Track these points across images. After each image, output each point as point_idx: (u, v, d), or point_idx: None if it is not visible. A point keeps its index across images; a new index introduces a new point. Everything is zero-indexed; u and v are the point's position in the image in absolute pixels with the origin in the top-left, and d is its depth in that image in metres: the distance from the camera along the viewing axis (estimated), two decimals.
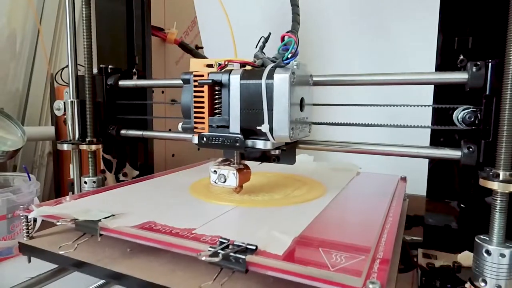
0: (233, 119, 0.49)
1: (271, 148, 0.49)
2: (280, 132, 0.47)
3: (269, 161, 0.55)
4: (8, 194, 0.78)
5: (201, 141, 0.51)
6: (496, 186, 0.38)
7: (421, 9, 0.81)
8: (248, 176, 0.55)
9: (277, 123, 0.47)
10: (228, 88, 0.49)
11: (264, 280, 0.36)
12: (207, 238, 0.38)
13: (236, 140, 0.49)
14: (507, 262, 0.37)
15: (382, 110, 0.53)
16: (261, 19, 0.97)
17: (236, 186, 0.52)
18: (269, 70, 0.47)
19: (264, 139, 0.49)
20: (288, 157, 0.55)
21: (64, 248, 0.42)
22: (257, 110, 0.47)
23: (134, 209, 0.48)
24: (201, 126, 0.51)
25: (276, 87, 0.46)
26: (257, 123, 0.47)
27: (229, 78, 0.49)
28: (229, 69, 0.50)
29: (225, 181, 0.53)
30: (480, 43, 0.54)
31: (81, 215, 0.44)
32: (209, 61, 0.52)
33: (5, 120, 0.92)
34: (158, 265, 0.40)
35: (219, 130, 0.50)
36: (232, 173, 0.52)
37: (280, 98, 0.46)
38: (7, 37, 1.24)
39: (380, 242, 0.40)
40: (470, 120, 0.46)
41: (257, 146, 0.49)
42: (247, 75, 0.48)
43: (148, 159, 0.87)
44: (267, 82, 0.46)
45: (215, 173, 0.53)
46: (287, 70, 0.46)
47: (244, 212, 0.49)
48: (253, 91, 0.47)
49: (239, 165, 0.53)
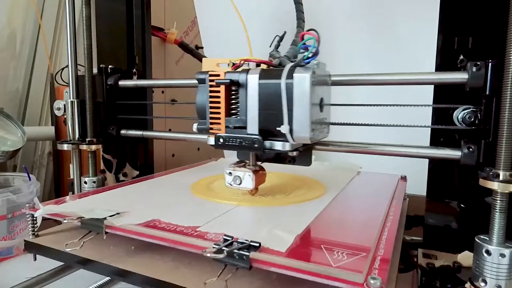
0: (251, 120, 0.48)
1: (290, 150, 0.48)
2: (300, 133, 0.46)
3: (284, 162, 0.54)
4: (8, 194, 0.78)
5: (218, 142, 0.50)
6: (496, 186, 0.38)
7: (424, 8, 0.81)
8: (264, 178, 0.54)
9: (297, 124, 0.45)
10: (246, 88, 0.47)
11: (267, 277, 0.37)
12: (211, 236, 0.38)
13: (254, 141, 0.47)
14: (507, 262, 0.38)
15: (383, 110, 0.53)
16: (263, 18, 0.97)
17: (252, 188, 0.51)
18: (288, 69, 0.45)
19: (282, 140, 0.47)
20: (304, 158, 0.54)
21: (70, 246, 0.43)
22: (276, 110, 0.46)
23: (137, 208, 0.48)
24: (217, 127, 0.49)
25: (296, 87, 0.45)
26: (276, 124, 0.46)
27: (247, 77, 0.47)
28: (246, 69, 0.49)
29: (240, 183, 0.51)
30: (480, 43, 0.54)
31: (86, 213, 0.44)
32: (222, 60, 0.51)
33: (5, 120, 0.92)
34: (163, 262, 0.40)
35: (236, 131, 0.49)
36: (248, 175, 0.51)
37: (300, 98, 0.45)
38: (7, 37, 1.24)
39: (381, 241, 0.40)
40: (470, 120, 0.47)
41: (275, 147, 0.48)
42: (265, 75, 0.47)
43: (148, 159, 0.87)
44: (287, 82, 0.45)
45: (230, 175, 0.52)
46: (308, 69, 0.45)
47: (246, 211, 0.49)
48: (272, 91, 0.46)
49: (255, 167, 0.52)
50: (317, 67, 0.47)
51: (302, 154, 0.52)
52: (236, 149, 0.50)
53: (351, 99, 0.56)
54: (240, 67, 0.50)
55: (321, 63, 0.49)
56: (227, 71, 0.48)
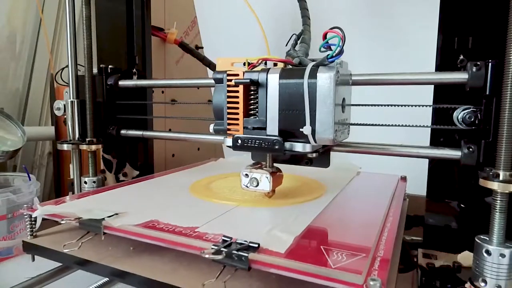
0: (271, 121, 0.46)
1: (310, 151, 0.47)
2: (323, 134, 0.44)
3: (300, 163, 0.53)
4: (8, 194, 0.78)
5: (236, 144, 0.48)
6: (496, 186, 0.38)
7: (424, 8, 0.81)
8: (281, 180, 0.53)
9: (320, 125, 0.44)
10: (266, 88, 0.46)
11: (266, 278, 0.37)
12: (209, 237, 0.38)
13: (274, 142, 0.46)
14: (507, 262, 0.38)
15: (383, 110, 0.53)
16: (262, 18, 0.97)
17: (269, 190, 0.50)
18: (311, 69, 0.44)
19: (303, 141, 0.46)
20: (323, 160, 0.53)
21: (68, 247, 0.43)
22: (297, 111, 0.44)
23: (136, 208, 0.48)
24: (235, 128, 0.48)
25: (320, 87, 0.43)
26: (297, 124, 0.44)
27: (267, 77, 0.46)
28: (266, 68, 0.47)
29: (257, 185, 0.50)
30: (480, 43, 0.54)
31: (85, 214, 0.44)
32: (238, 59, 0.49)
33: (5, 120, 0.92)
34: (161, 263, 0.40)
35: (255, 132, 0.47)
36: (265, 177, 0.49)
37: (324, 99, 0.43)
38: (7, 37, 1.24)
39: (381, 241, 0.40)
40: (470, 120, 0.47)
41: (296, 148, 0.46)
42: (286, 74, 0.45)
43: (148, 159, 0.87)
44: (309, 82, 0.43)
45: (246, 177, 0.50)
46: (332, 69, 0.43)
47: (245, 211, 0.49)
48: (293, 91, 0.45)
49: (272, 168, 0.51)
50: (340, 66, 0.45)
51: (321, 155, 0.51)
52: (256, 151, 0.49)
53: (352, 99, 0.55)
54: (257, 67, 0.48)
55: (344, 62, 0.47)
56: (246, 70, 0.47)
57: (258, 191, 0.50)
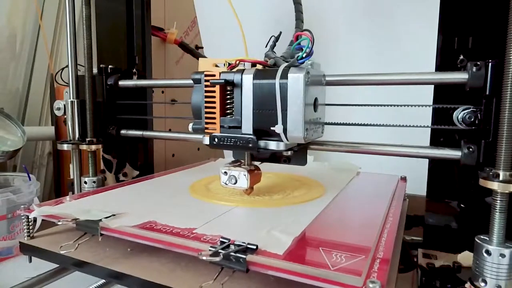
0: (245, 120, 0.48)
1: (284, 149, 0.48)
2: (294, 133, 0.46)
3: (279, 162, 0.54)
4: (8, 194, 0.78)
5: (213, 142, 0.50)
6: (496, 186, 0.38)
7: (424, 9, 0.81)
8: (259, 177, 0.54)
9: (291, 123, 0.46)
10: (241, 88, 0.48)
11: (265, 280, 0.37)
12: (207, 238, 0.38)
13: (248, 140, 0.48)
14: (507, 262, 0.37)
15: (383, 110, 0.53)
16: (261, 18, 0.97)
17: (247, 188, 0.52)
18: (282, 69, 0.45)
19: (277, 140, 0.48)
20: (299, 158, 0.54)
21: (65, 248, 0.43)
22: (270, 110, 0.46)
23: (135, 209, 0.48)
24: (212, 127, 0.50)
25: (290, 87, 0.45)
26: (270, 123, 0.46)
27: (242, 78, 0.48)
28: (241, 69, 0.49)
29: (235, 182, 0.51)
30: (480, 43, 0.54)
31: (82, 215, 0.44)
32: (219, 60, 0.51)
33: (5, 120, 0.92)
34: (159, 264, 0.40)
35: (231, 131, 0.49)
36: (243, 174, 0.51)
37: (294, 98, 0.45)
38: (7, 37, 1.24)
39: (380, 242, 0.40)
40: (470, 120, 0.46)
41: (270, 147, 0.48)
42: (260, 75, 0.47)
43: (148, 159, 0.87)
44: (281, 82, 0.45)
45: (225, 175, 0.52)
46: (302, 69, 0.45)
47: (244, 212, 0.49)
48: (266, 91, 0.46)
49: (250, 166, 0.52)
50: (311, 67, 0.47)
51: (298, 153, 0.52)
52: (231, 149, 0.51)
53: (351, 99, 0.55)
54: (236, 67, 0.50)
55: (316, 63, 0.49)
56: (222, 71, 0.49)
57: (236, 188, 0.52)
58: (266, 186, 0.60)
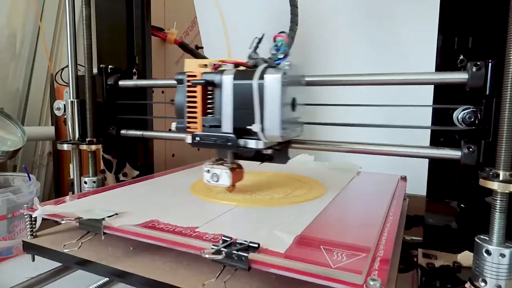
0: (225, 119, 0.50)
1: (263, 148, 0.50)
2: (271, 131, 0.47)
3: (263, 160, 0.55)
4: (8, 194, 0.78)
5: (194, 141, 0.52)
6: (496, 186, 0.38)
7: (424, 9, 0.81)
8: (241, 175, 0.55)
9: (268, 122, 0.47)
10: (221, 88, 0.49)
11: (266, 278, 0.37)
12: (209, 237, 0.38)
13: (228, 139, 0.49)
14: (507, 262, 0.38)
15: (381, 110, 0.53)
16: (261, 19, 0.97)
17: (228, 185, 0.53)
18: (261, 70, 0.47)
19: (256, 138, 0.49)
20: (281, 156, 0.55)
21: (68, 247, 0.43)
22: (249, 110, 0.47)
23: (136, 208, 0.48)
24: (194, 126, 0.51)
25: (268, 87, 0.46)
26: (249, 122, 0.47)
27: (222, 78, 0.49)
28: (222, 69, 0.50)
29: (217, 180, 0.53)
30: (480, 43, 0.54)
31: (85, 214, 0.44)
32: (203, 61, 0.52)
33: (5, 120, 0.92)
34: (161, 263, 0.40)
35: (212, 130, 0.50)
36: (225, 172, 0.52)
37: (271, 98, 0.46)
38: (7, 37, 1.24)
39: (381, 241, 0.40)
40: (470, 120, 0.47)
41: (249, 145, 0.49)
42: (239, 76, 0.49)
43: (148, 159, 0.87)
44: (258, 83, 0.46)
45: (208, 172, 0.53)
46: (279, 70, 0.46)
47: (245, 211, 0.49)
48: (245, 91, 0.48)
49: (232, 164, 0.53)
50: (289, 68, 0.48)
51: (280, 152, 0.54)
52: (211, 147, 0.52)
53: (351, 100, 0.56)
54: (220, 68, 0.51)
55: (294, 64, 0.50)
56: (204, 72, 0.50)
57: (219, 186, 0.53)
58: (267, 186, 0.60)
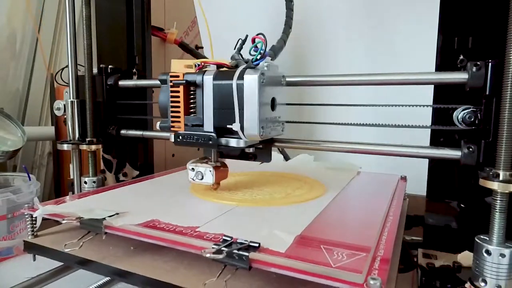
0: (207, 118, 0.51)
1: (244, 146, 0.51)
2: (250, 130, 0.48)
3: (247, 159, 0.56)
4: (8, 194, 0.78)
5: (177, 140, 0.53)
6: (496, 186, 0.38)
7: (422, 8, 0.81)
8: (225, 174, 0.56)
9: (247, 122, 0.48)
10: (202, 88, 0.51)
11: (267, 277, 0.37)
12: (210, 236, 0.38)
13: (210, 138, 0.51)
14: (507, 262, 0.38)
15: (381, 110, 0.53)
16: (259, 20, 0.97)
17: (212, 183, 0.54)
18: (240, 71, 0.48)
19: (237, 137, 0.50)
20: (264, 155, 0.57)
21: (69, 246, 0.43)
22: (229, 109, 0.49)
23: (137, 208, 0.48)
24: (177, 125, 0.52)
25: (246, 88, 0.48)
26: (229, 122, 0.49)
27: (203, 78, 0.50)
28: (203, 70, 0.51)
29: (202, 178, 0.54)
30: (480, 43, 0.54)
31: (85, 213, 0.44)
32: (188, 62, 0.53)
33: (5, 120, 0.92)
34: (162, 262, 0.40)
35: (194, 129, 0.52)
36: (208, 170, 0.53)
37: (250, 98, 0.48)
38: (7, 37, 1.24)
39: (381, 241, 0.40)
40: (470, 120, 0.47)
41: (230, 144, 0.51)
42: (220, 76, 0.50)
43: (148, 159, 0.87)
44: (237, 83, 0.48)
45: (192, 171, 0.54)
46: (257, 71, 0.48)
47: (245, 211, 0.49)
48: (225, 91, 0.49)
49: (216, 163, 0.54)
50: (267, 68, 0.49)
51: (263, 150, 0.55)
52: (194, 146, 0.53)
53: (350, 100, 0.56)
54: (204, 68, 0.52)
55: (272, 64, 0.52)
56: (186, 72, 0.51)
57: (203, 184, 0.54)
58: (268, 186, 0.60)
